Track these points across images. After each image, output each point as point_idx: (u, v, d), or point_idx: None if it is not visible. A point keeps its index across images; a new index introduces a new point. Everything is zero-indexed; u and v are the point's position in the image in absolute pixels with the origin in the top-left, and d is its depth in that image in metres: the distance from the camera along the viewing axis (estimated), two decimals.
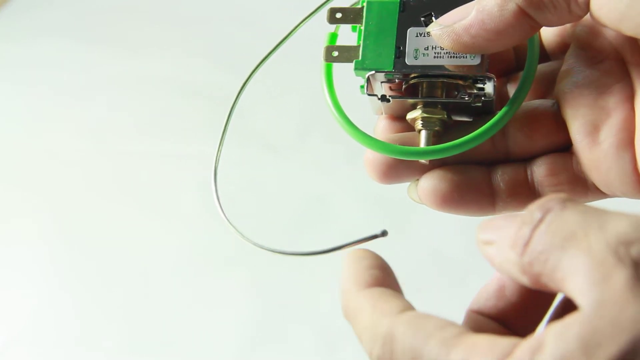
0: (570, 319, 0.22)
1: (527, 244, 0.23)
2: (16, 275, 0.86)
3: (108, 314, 0.82)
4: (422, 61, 0.33)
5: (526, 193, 0.34)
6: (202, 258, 0.85)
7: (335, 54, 0.35)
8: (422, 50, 0.33)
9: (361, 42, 0.34)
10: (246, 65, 0.40)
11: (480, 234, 0.26)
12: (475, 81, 0.33)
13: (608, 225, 0.22)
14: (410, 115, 0.34)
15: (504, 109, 0.33)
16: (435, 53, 0.33)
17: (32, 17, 1.15)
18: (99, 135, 0.98)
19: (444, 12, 0.32)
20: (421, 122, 0.34)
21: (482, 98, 0.33)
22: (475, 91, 0.33)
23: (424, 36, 0.33)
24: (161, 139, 0.97)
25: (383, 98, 0.35)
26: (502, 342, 0.23)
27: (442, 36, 0.32)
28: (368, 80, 0.35)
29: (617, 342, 0.21)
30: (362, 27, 0.34)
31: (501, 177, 0.34)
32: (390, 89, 0.35)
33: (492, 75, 0.33)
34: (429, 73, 0.33)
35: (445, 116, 0.34)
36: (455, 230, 0.81)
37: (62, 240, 0.88)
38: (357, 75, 0.35)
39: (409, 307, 0.26)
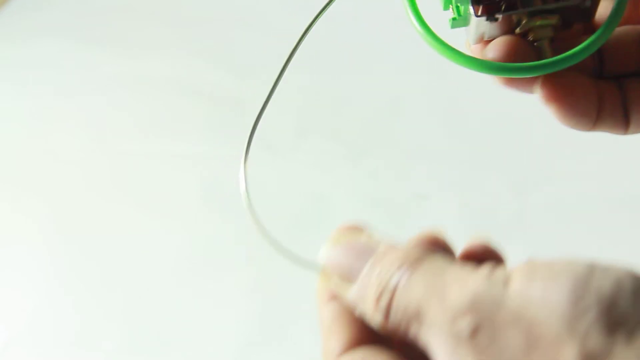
0: None
1: (388, 314, 0.25)
2: (16, 275, 0.86)
3: (108, 313, 0.82)
4: None
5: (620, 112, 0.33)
6: (202, 258, 0.85)
7: None
8: None
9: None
10: (246, 65, 0.40)
11: (330, 252, 0.28)
12: None
13: (446, 296, 0.24)
14: (522, 29, 0.32)
15: (607, 22, 0.31)
16: None
17: (32, 17, 1.16)
18: (99, 135, 0.98)
19: None
20: (538, 31, 0.31)
21: None
22: None
23: None
24: (161, 139, 0.97)
25: (490, 17, 0.31)
26: None
27: None
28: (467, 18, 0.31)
29: None
30: None
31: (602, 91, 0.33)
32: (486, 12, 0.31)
33: None
34: None
35: (558, 21, 0.31)
36: (455, 230, 0.81)
37: (62, 240, 0.88)
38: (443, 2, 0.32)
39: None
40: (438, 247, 0.28)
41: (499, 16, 0.31)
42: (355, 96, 0.96)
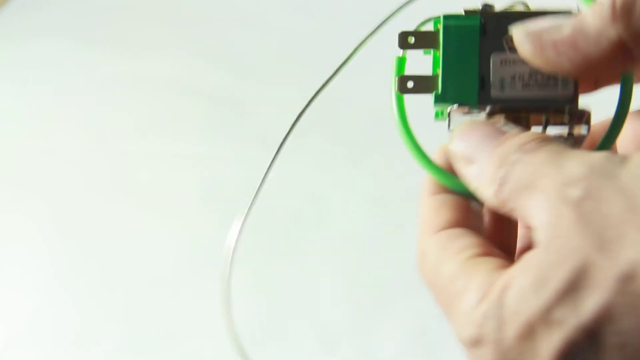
0: (528, 257, 0.25)
1: (502, 183, 0.26)
2: (16, 274, 0.86)
3: (108, 313, 0.82)
4: (509, 93, 0.30)
5: None
6: (202, 258, 0.85)
7: (411, 84, 0.31)
8: (508, 80, 0.30)
9: (439, 71, 0.30)
10: (246, 65, 0.40)
11: (459, 143, 0.28)
12: (570, 114, 0.30)
13: (563, 167, 0.25)
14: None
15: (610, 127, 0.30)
16: (523, 83, 0.30)
17: (32, 17, 1.16)
18: (99, 135, 0.98)
19: None
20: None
21: (573, 134, 0.30)
22: (566, 123, 0.30)
23: (510, 64, 0.30)
24: (161, 139, 0.97)
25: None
26: (493, 276, 0.25)
27: (525, 42, 0.29)
28: (449, 113, 0.31)
29: (561, 274, 0.23)
30: (440, 54, 0.31)
31: None
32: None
33: (588, 110, 0.30)
34: (518, 107, 0.30)
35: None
36: None
37: (62, 240, 0.88)
38: (436, 108, 0.32)
39: (475, 244, 0.28)
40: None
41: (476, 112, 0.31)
42: (355, 96, 0.96)
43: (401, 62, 0.33)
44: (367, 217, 0.85)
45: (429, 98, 0.32)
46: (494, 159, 0.26)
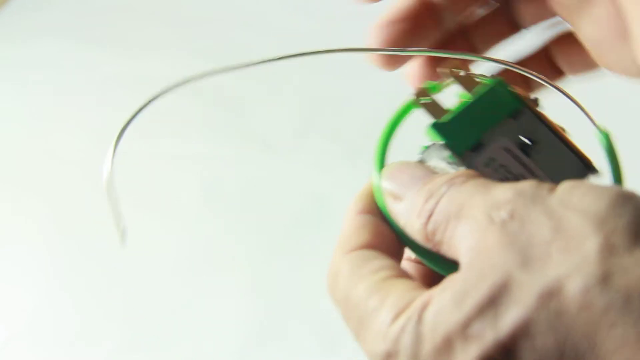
0: (449, 278, 0.24)
1: (430, 215, 0.26)
2: (16, 274, 0.86)
3: (108, 313, 0.82)
4: (488, 172, 0.30)
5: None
6: (202, 258, 0.85)
7: (426, 100, 0.32)
8: (496, 164, 0.30)
9: (455, 111, 0.31)
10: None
11: (386, 181, 0.28)
12: None
13: (489, 194, 0.25)
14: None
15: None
16: (504, 177, 0.30)
17: (32, 17, 1.16)
18: (99, 135, 0.98)
19: (547, 158, 0.30)
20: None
21: None
22: None
23: (509, 156, 0.30)
24: (161, 139, 0.97)
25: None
26: (409, 295, 0.25)
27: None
28: (431, 146, 0.31)
29: (481, 289, 0.23)
30: (468, 102, 0.31)
31: None
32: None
33: None
34: None
35: None
36: None
37: (62, 240, 0.88)
38: (427, 133, 0.32)
39: (389, 267, 0.28)
40: None
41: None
42: (355, 96, 0.96)
43: (435, 87, 0.33)
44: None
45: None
46: (422, 194, 0.27)
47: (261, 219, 0.87)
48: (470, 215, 0.25)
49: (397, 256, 0.29)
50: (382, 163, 0.32)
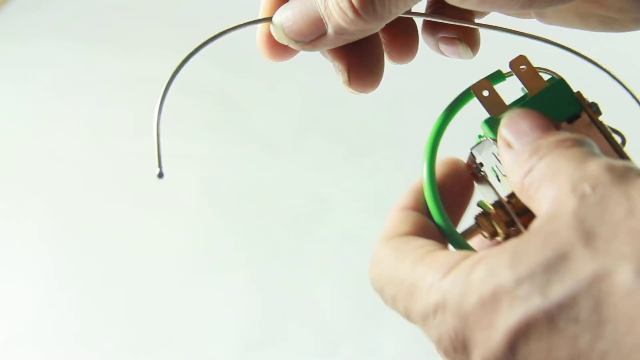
0: (514, 239, 0.25)
1: (530, 170, 0.27)
2: (16, 274, 0.86)
3: (108, 313, 0.82)
4: None
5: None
6: (202, 258, 0.85)
7: (486, 93, 0.31)
8: None
9: (513, 108, 0.30)
10: (246, 66, 0.40)
11: (505, 128, 0.28)
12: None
13: (584, 165, 0.25)
14: (483, 202, 0.32)
15: None
16: None
17: (32, 17, 1.16)
18: (99, 135, 0.98)
19: None
20: (479, 217, 0.32)
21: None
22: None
23: None
24: (161, 139, 0.97)
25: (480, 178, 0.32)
26: (456, 257, 0.26)
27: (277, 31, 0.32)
28: (484, 140, 0.32)
29: (540, 255, 0.24)
30: (527, 98, 0.31)
31: None
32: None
33: None
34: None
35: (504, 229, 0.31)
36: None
37: (62, 240, 0.88)
38: (482, 127, 0.32)
39: (431, 244, 0.28)
40: None
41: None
42: (355, 96, 0.96)
43: (499, 76, 0.32)
44: (367, 217, 0.85)
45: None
46: (529, 148, 0.27)
47: (261, 218, 0.87)
48: (559, 182, 0.25)
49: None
50: (433, 156, 0.32)
